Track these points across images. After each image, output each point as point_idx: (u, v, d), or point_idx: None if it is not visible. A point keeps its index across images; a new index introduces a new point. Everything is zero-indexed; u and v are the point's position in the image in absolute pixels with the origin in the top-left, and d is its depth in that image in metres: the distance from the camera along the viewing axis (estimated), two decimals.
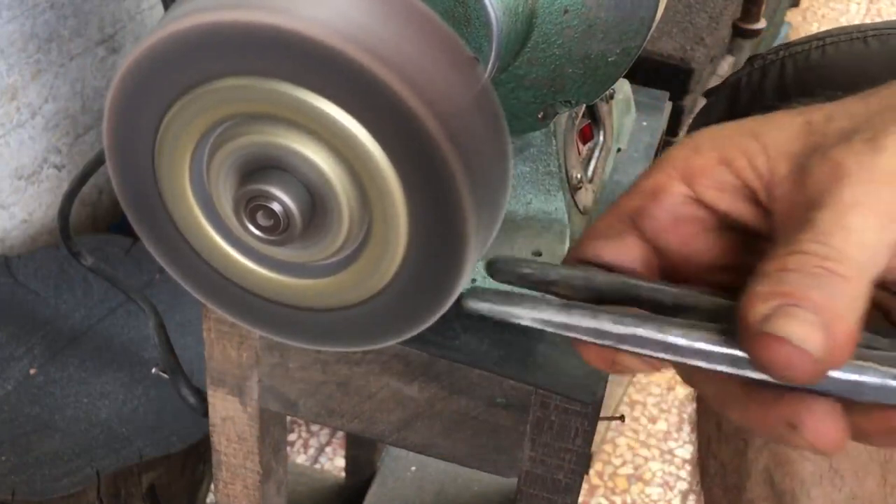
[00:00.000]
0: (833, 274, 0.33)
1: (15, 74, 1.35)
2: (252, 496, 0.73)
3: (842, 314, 0.32)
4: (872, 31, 0.73)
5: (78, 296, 1.28)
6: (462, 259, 0.37)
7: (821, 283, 0.33)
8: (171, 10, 0.36)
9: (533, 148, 0.57)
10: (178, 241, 0.42)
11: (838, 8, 2.85)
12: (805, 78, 0.74)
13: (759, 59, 0.78)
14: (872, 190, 0.34)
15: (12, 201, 1.43)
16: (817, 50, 0.74)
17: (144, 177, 0.40)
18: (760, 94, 0.77)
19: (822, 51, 0.74)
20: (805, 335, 0.32)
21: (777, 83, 0.76)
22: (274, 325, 0.44)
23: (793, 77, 0.75)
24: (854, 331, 0.33)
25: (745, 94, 0.79)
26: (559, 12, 0.50)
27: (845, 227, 0.34)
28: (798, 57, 0.75)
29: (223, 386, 0.66)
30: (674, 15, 1.54)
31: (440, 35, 0.36)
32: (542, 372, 0.57)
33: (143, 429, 1.11)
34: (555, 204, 0.59)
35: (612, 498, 1.51)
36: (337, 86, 0.34)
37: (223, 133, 0.37)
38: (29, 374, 1.18)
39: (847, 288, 0.33)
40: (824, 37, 0.75)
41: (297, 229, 0.37)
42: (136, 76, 0.37)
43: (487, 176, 0.37)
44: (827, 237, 0.34)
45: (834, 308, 0.32)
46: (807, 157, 0.36)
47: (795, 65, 0.75)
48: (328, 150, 0.36)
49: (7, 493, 1.02)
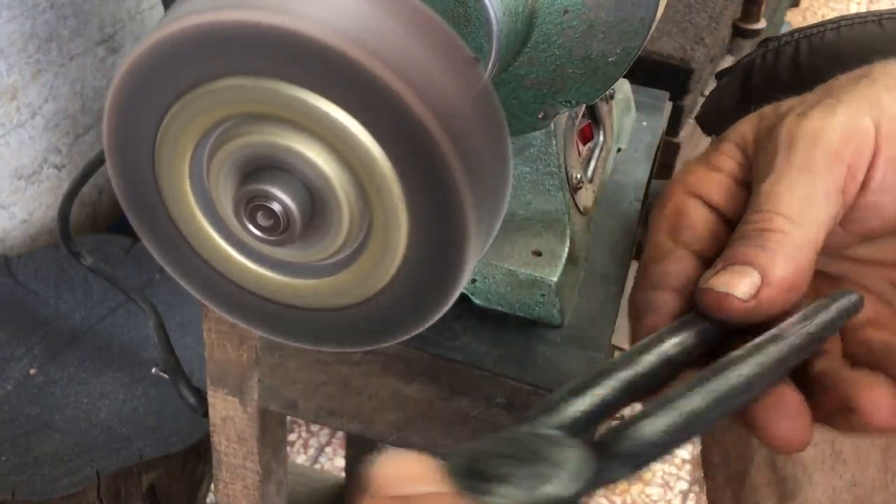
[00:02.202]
0: (765, 231, 0.37)
1: (15, 74, 1.35)
2: (252, 496, 0.73)
3: (775, 260, 0.37)
4: (888, 15, 0.73)
5: (78, 296, 1.28)
6: (462, 259, 0.37)
7: (753, 242, 0.38)
8: (171, 10, 0.36)
9: (533, 148, 0.57)
10: (178, 241, 0.42)
11: (838, 8, 2.85)
12: (819, 57, 0.75)
13: (774, 41, 0.78)
14: (798, 150, 0.39)
15: (12, 201, 1.43)
16: (832, 31, 0.75)
17: (144, 177, 0.40)
18: (774, 75, 0.77)
19: (837, 32, 0.75)
20: (731, 282, 0.37)
21: (791, 63, 0.76)
22: (274, 325, 0.44)
23: (807, 57, 0.75)
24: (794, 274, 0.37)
25: (759, 75, 0.78)
26: (559, 12, 0.50)
27: (775, 189, 0.38)
28: (813, 38, 0.75)
29: (223, 386, 0.66)
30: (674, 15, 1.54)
31: (440, 35, 0.36)
32: (542, 372, 0.57)
33: (143, 429, 1.11)
34: (555, 204, 0.59)
35: (612, 498, 1.51)
36: (337, 86, 0.34)
37: (223, 133, 0.37)
38: (29, 374, 1.18)
39: (779, 238, 0.37)
40: (839, 19, 0.75)
41: (297, 229, 0.37)
42: (136, 76, 0.37)
43: (487, 176, 0.37)
44: (762, 203, 0.38)
45: (764, 257, 0.37)
46: (761, 138, 0.42)
47: (810, 45, 0.75)
48: (328, 150, 0.36)
49: (7, 493, 1.02)
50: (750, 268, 0.37)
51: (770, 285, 0.37)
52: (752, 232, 0.38)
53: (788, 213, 0.38)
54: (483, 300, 0.58)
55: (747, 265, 0.37)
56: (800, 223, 0.37)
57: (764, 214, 0.38)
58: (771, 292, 0.37)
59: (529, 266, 0.57)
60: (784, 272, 0.37)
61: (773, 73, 0.77)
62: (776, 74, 0.77)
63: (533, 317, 0.58)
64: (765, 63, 0.78)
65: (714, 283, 0.37)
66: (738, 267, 0.37)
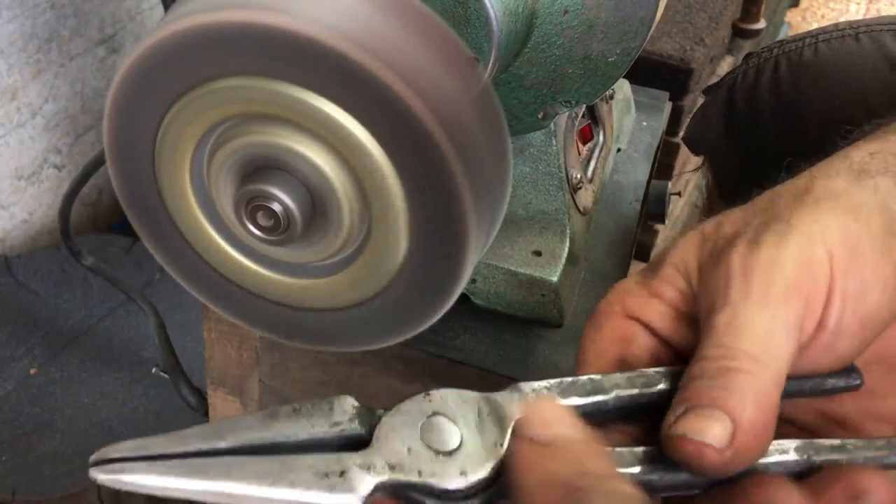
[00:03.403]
0: (730, 371, 0.35)
1: (15, 74, 1.35)
2: None
3: (743, 403, 0.34)
4: (864, 28, 0.73)
5: (78, 296, 1.28)
6: (462, 259, 0.37)
7: (719, 383, 0.35)
8: (172, 10, 0.36)
9: (533, 148, 0.57)
10: (178, 241, 0.42)
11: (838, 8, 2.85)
12: (798, 76, 0.75)
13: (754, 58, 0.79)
14: (756, 283, 0.37)
15: (12, 201, 1.43)
16: (810, 48, 0.75)
17: (144, 177, 0.40)
18: (755, 93, 0.78)
19: (815, 49, 0.75)
20: (703, 428, 0.34)
21: (771, 82, 0.76)
22: (274, 325, 0.44)
23: (786, 76, 0.76)
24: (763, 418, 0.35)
25: (741, 93, 0.79)
26: (559, 13, 0.50)
27: (734, 324, 0.36)
28: (791, 55, 0.76)
29: (223, 386, 0.66)
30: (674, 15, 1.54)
31: (440, 35, 0.36)
32: (542, 372, 0.57)
33: (143, 429, 1.11)
34: (555, 204, 0.59)
35: None
36: (337, 86, 0.34)
37: (223, 133, 0.37)
38: (29, 374, 1.18)
39: (746, 379, 0.35)
40: (818, 34, 0.76)
41: (297, 229, 0.37)
42: (136, 76, 0.37)
43: (487, 176, 0.37)
44: (721, 338, 0.36)
45: (733, 401, 0.34)
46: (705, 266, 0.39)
47: (789, 63, 0.76)
48: (328, 151, 0.36)
49: (7, 493, 1.02)
50: (718, 411, 0.34)
51: (743, 431, 0.34)
52: (715, 371, 0.35)
53: (750, 349, 0.35)
54: (483, 300, 0.58)
55: (714, 408, 0.34)
56: (763, 362, 0.35)
57: (725, 350, 0.36)
58: (746, 438, 0.34)
59: (529, 266, 0.57)
60: (754, 415, 0.34)
61: (755, 93, 0.78)
62: (757, 95, 0.78)
63: (533, 317, 0.58)
64: (745, 81, 0.79)
65: (684, 427, 0.34)
66: (705, 409, 0.35)
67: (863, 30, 0.73)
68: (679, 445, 0.34)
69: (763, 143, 0.78)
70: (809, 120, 0.74)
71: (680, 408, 0.35)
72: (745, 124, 0.80)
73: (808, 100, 0.75)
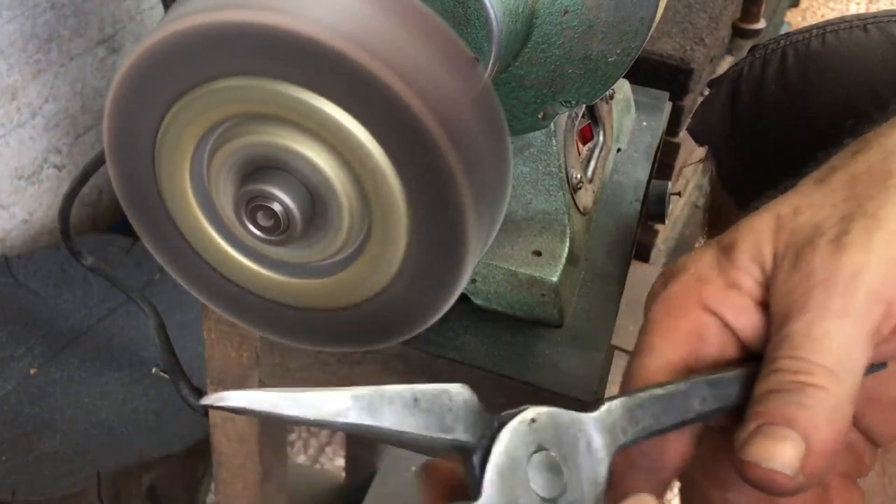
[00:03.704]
0: (806, 386, 0.34)
1: (15, 74, 1.35)
2: (252, 496, 0.73)
3: (817, 424, 0.34)
4: (872, 20, 0.73)
5: (78, 296, 1.28)
6: (462, 259, 0.37)
7: (794, 399, 0.34)
8: (172, 10, 0.36)
9: (533, 148, 0.57)
10: (178, 241, 0.42)
11: (838, 8, 2.85)
12: (806, 67, 0.74)
13: (760, 49, 0.78)
14: (838, 292, 0.35)
15: (12, 201, 1.43)
16: (817, 38, 0.74)
17: (144, 177, 0.40)
18: (762, 85, 0.77)
19: (823, 39, 0.74)
20: (773, 453, 0.34)
21: (778, 73, 0.75)
22: (274, 325, 0.44)
23: (793, 66, 0.75)
24: (836, 436, 0.34)
25: (747, 85, 0.79)
26: (559, 13, 0.50)
27: (813, 336, 0.35)
28: (799, 46, 0.75)
29: (223, 386, 0.66)
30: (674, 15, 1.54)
31: (440, 35, 0.36)
32: (541, 372, 0.57)
33: (143, 429, 1.11)
34: (555, 204, 0.59)
35: None
36: (337, 86, 0.34)
37: (223, 133, 0.37)
38: (29, 374, 1.18)
39: (822, 396, 0.34)
40: (824, 25, 0.75)
41: (297, 229, 0.37)
42: (136, 76, 0.37)
43: (487, 176, 0.37)
44: (797, 350, 0.35)
45: (808, 419, 0.34)
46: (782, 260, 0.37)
47: (796, 54, 0.75)
48: (328, 151, 0.36)
49: (7, 493, 1.02)
50: (791, 431, 0.34)
51: (814, 454, 0.34)
52: (789, 384, 0.35)
53: (827, 362, 0.35)
54: (483, 300, 0.58)
55: (786, 427, 0.34)
56: (839, 376, 0.34)
57: (801, 363, 0.35)
58: (817, 462, 0.34)
59: (529, 266, 0.57)
60: (827, 436, 0.34)
61: (761, 84, 0.77)
62: (764, 86, 0.77)
63: (533, 317, 0.58)
64: (752, 72, 0.78)
65: (755, 454, 0.34)
66: (777, 429, 0.34)
67: (871, 21, 0.73)
68: (749, 470, 0.34)
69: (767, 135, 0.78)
70: (816, 111, 0.73)
71: (752, 423, 0.35)
72: (749, 116, 0.79)
73: (815, 90, 0.74)
